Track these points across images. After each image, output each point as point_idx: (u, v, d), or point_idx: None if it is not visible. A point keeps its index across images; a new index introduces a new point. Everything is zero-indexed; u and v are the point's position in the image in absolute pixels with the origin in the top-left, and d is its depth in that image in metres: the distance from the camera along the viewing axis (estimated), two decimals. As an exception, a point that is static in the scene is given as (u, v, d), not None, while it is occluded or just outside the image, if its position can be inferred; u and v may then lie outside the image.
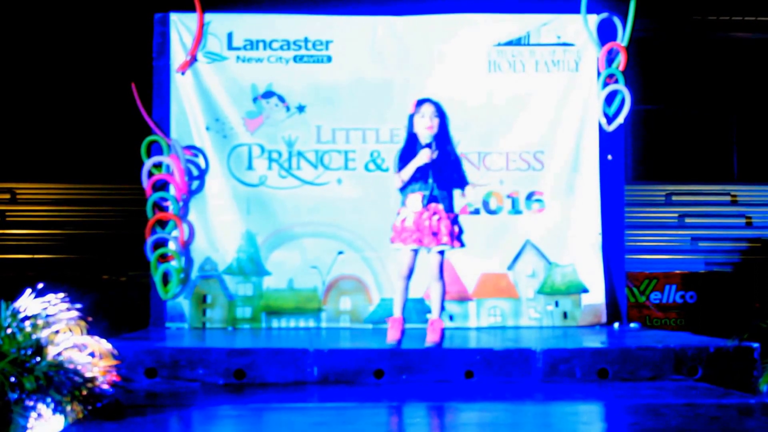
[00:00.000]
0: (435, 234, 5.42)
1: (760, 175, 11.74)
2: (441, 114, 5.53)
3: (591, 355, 5.10)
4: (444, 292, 5.57)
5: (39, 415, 3.75)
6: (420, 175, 5.44)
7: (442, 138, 5.52)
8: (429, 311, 6.99)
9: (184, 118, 7.14)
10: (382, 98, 7.16)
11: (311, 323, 7.06)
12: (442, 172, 5.47)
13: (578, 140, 7.21)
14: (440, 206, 5.46)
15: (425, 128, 5.47)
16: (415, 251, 5.48)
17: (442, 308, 5.55)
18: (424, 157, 5.41)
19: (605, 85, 7.10)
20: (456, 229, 5.51)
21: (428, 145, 5.44)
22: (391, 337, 5.44)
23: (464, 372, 5.02)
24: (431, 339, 5.41)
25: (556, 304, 7.12)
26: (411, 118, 5.57)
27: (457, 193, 5.64)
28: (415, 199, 5.45)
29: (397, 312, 5.52)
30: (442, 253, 5.50)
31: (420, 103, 5.56)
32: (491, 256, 7.13)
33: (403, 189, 5.52)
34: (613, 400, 4.58)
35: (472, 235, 7.09)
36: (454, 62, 7.24)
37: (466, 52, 7.25)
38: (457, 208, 5.63)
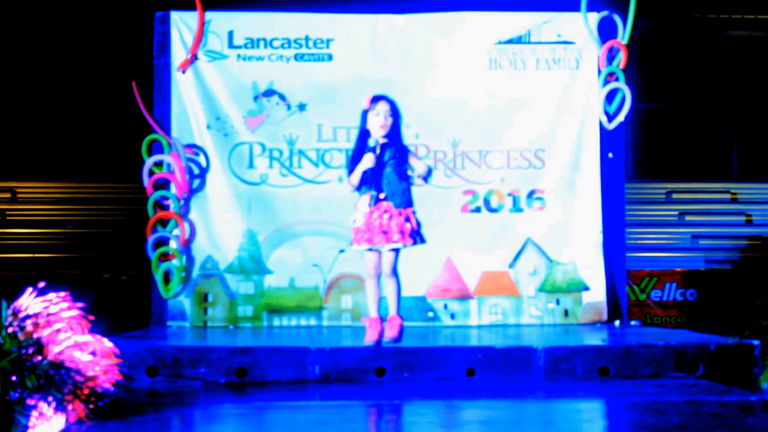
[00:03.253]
0: (385, 233, 5.34)
1: (760, 172, 11.74)
2: (395, 113, 5.43)
3: (592, 353, 5.10)
4: (399, 289, 5.46)
5: (40, 413, 3.75)
6: (368, 176, 5.36)
7: (394, 136, 5.42)
8: (431, 309, 7.05)
9: (184, 117, 7.15)
10: (382, 96, 7.17)
11: (312, 321, 7.07)
12: (392, 171, 5.38)
13: (579, 138, 7.22)
14: (390, 204, 5.36)
15: (379, 126, 5.38)
16: (378, 250, 5.41)
17: (399, 304, 5.46)
18: (367, 162, 5.34)
19: (606, 83, 7.10)
20: (408, 226, 5.39)
21: (372, 149, 5.36)
22: (369, 337, 5.37)
23: (466, 370, 5.02)
24: (389, 335, 5.36)
25: (557, 302, 7.13)
26: (365, 114, 5.46)
27: (418, 182, 5.53)
28: (364, 200, 5.39)
29: (372, 312, 5.46)
30: (396, 251, 5.40)
31: (375, 99, 5.46)
32: (492, 254, 7.14)
33: (358, 190, 5.45)
34: (614, 397, 4.58)
35: (473, 233, 7.17)
36: (454, 60, 7.25)
37: (466, 50, 7.26)
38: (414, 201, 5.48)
